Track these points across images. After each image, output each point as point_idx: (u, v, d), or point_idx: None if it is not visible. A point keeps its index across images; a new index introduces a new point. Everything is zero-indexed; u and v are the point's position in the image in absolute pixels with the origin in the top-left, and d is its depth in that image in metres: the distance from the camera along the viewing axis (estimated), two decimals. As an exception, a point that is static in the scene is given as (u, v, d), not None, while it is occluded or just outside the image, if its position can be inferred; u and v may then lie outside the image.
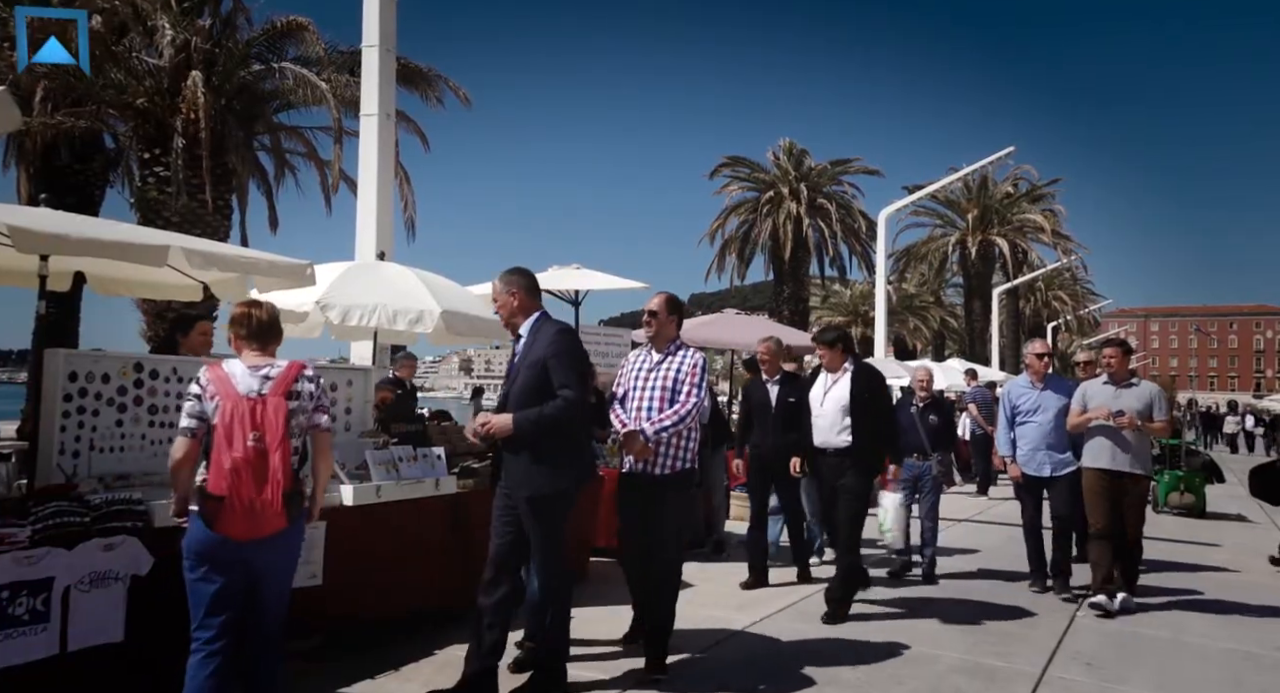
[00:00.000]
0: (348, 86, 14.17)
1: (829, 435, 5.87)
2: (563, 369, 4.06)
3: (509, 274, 4.35)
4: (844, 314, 46.05)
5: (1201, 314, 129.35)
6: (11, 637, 3.37)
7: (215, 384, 3.18)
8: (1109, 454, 6.14)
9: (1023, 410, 6.72)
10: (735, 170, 31.85)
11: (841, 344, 6.03)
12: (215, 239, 12.45)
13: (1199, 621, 6.08)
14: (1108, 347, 6.48)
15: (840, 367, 6.00)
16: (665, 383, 4.67)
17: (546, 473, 4.07)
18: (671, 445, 4.63)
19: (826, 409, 5.90)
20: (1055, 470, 6.57)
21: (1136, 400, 6.15)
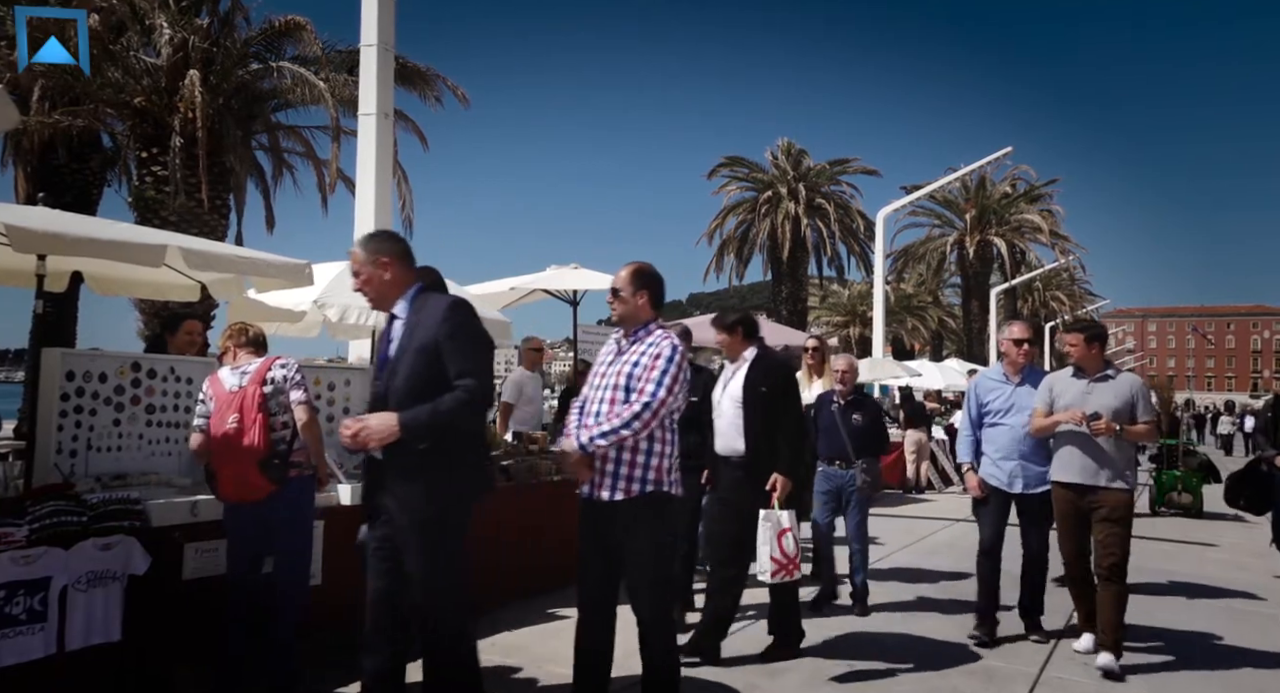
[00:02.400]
0: (346, 86, 14.16)
1: (728, 439, 4.85)
2: (460, 353, 3.25)
3: (374, 240, 3.50)
4: (842, 314, 46.08)
5: (1199, 314, 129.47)
6: (9, 637, 3.37)
7: (210, 388, 3.93)
8: (1078, 465, 4.89)
9: (993, 410, 5.38)
10: (733, 170, 31.87)
11: (742, 328, 5.00)
12: (213, 238, 12.44)
13: (1198, 621, 6.08)
14: (1069, 332, 5.18)
15: (740, 355, 4.98)
16: (619, 380, 3.62)
17: (442, 488, 3.26)
18: (624, 461, 3.53)
19: (725, 408, 4.90)
20: (1030, 485, 5.21)
21: (1114, 398, 4.87)
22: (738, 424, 4.79)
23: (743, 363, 4.94)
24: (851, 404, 6.10)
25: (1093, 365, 5.03)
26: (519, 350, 8.96)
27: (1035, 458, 5.24)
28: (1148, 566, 7.56)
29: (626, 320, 3.79)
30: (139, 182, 14.68)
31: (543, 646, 4.90)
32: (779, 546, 4.84)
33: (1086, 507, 4.89)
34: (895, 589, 6.69)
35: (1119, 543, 4.82)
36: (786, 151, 31.52)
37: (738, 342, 5.00)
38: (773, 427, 4.77)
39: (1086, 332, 5.10)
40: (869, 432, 6.05)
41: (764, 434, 4.75)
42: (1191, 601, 6.72)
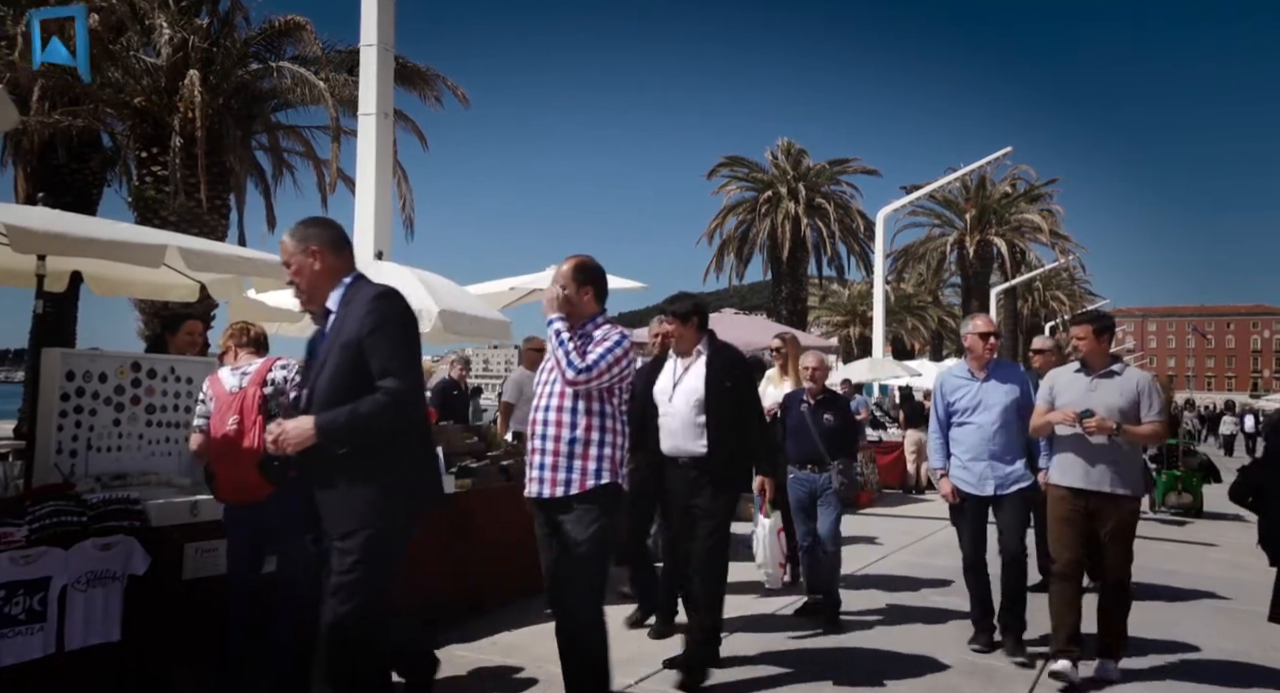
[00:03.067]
0: (346, 86, 14.16)
1: (680, 439, 4.50)
2: (383, 349, 2.95)
3: (303, 226, 3.19)
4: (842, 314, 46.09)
5: (1199, 314, 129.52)
6: (8, 636, 3.37)
7: (210, 388, 3.96)
8: (1080, 469, 4.56)
9: (960, 408, 5.08)
10: (733, 170, 31.87)
11: (696, 318, 4.57)
12: (213, 239, 12.43)
13: (1197, 621, 6.08)
14: (1076, 325, 4.86)
15: (693, 349, 4.61)
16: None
17: (367, 500, 2.96)
18: (576, 454, 3.48)
19: (677, 405, 4.52)
20: (1001, 487, 4.92)
21: (1118, 396, 4.55)
22: (695, 423, 4.44)
23: (698, 356, 4.56)
24: (822, 404, 5.72)
25: (1099, 360, 4.68)
26: (519, 350, 8.95)
27: (1006, 457, 4.95)
28: (1148, 566, 7.55)
29: (571, 317, 3.66)
30: (139, 181, 14.68)
31: (543, 645, 4.88)
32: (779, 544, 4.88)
33: (1090, 514, 4.56)
34: (895, 587, 6.69)
35: (1126, 558, 4.59)
36: (786, 151, 31.52)
37: (691, 333, 4.58)
38: (742, 424, 4.48)
39: (1096, 323, 4.74)
40: (841, 432, 5.70)
41: (733, 433, 4.42)
42: (1192, 602, 6.72)
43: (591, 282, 3.68)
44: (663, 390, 4.63)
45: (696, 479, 4.44)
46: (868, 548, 8.52)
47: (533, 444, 3.59)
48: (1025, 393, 5.07)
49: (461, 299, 7.46)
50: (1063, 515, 4.63)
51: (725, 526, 4.48)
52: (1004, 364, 5.24)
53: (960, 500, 5.06)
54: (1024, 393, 5.06)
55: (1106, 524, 4.54)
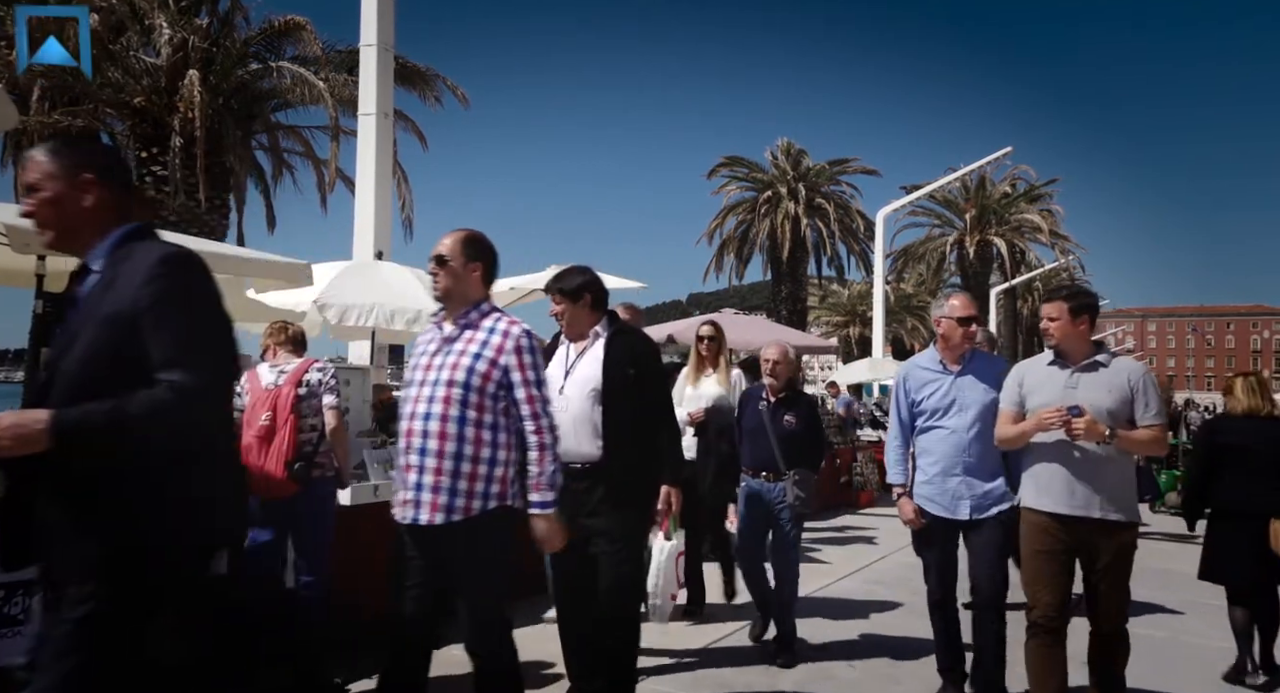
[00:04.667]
0: (346, 86, 14.18)
1: (571, 441, 3.58)
2: (173, 331, 2.08)
3: (76, 146, 2.32)
4: (842, 314, 46.14)
5: (1199, 314, 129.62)
6: (7, 636, 3.37)
7: (248, 382, 4.09)
8: (1062, 488, 3.60)
9: (928, 409, 4.10)
10: (733, 170, 31.93)
11: (590, 296, 3.79)
12: (213, 238, 12.43)
13: (1197, 621, 6.08)
14: (1047, 302, 3.81)
15: (588, 331, 3.81)
16: (455, 375, 2.98)
17: (107, 548, 2.04)
18: (462, 473, 2.95)
19: (570, 399, 3.68)
20: (979, 510, 3.98)
21: (1106, 393, 3.58)
22: (590, 420, 3.66)
23: (594, 339, 3.81)
24: (783, 403, 4.91)
25: (1078, 348, 3.68)
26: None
27: (984, 471, 3.99)
28: (1148, 566, 7.55)
29: (453, 298, 3.11)
30: (139, 181, 14.68)
31: (542, 646, 4.89)
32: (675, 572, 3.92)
33: (1076, 547, 3.62)
34: (895, 584, 6.67)
35: (1123, 600, 3.68)
36: (786, 151, 31.56)
37: (584, 313, 3.79)
38: (647, 422, 3.72)
39: (1071, 299, 3.68)
40: (803, 437, 4.87)
41: (636, 432, 3.67)
42: (1192, 602, 6.72)
43: (481, 258, 3.12)
44: (553, 381, 3.67)
45: (589, 491, 3.61)
46: (867, 548, 8.53)
47: (407, 460, 3.00)
48: None
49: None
50: (1041, 549, 3.64)
51: (632, 551, 3.67)
52: (984, 356, 4.27)
53: (925, 526, 4.09)
54: None
55: (1098, 560, 3.60)
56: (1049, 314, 3.70)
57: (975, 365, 4.14)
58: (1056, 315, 3.67)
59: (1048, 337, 3.71)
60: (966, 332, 4.14)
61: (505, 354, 3.03)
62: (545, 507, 3.06)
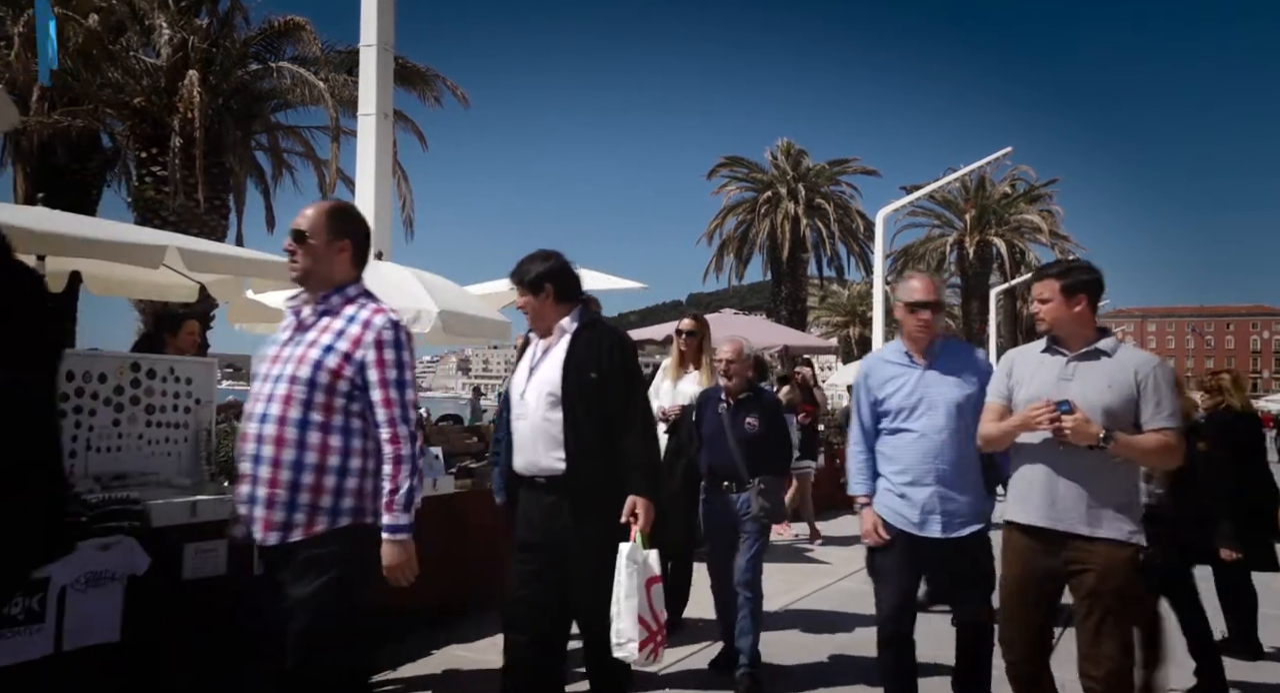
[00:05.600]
0: (345, 86, 14.19)
1: (531, 451, 3.31)
2: None
3: None
4: (842, 314, 46.15)
5: (1198, 315, 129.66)
6: (6, 637, 3.36)
7: None
8: (1043, 496, 3.02)
9: (892, 409, 3.51)
10: (733, 170, 31.96)
11: (553, 286, 3.35)
12: (212, 239, 12.44)
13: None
14: (1037, 280, 3.21)
15: (554, 327, 3.39)
16: (301, 370, 2.55)
17: None
18: (304, 485, 2.53)
19: (529, 405, 3.33)
20: (951, 527, 3.39)
21: (1106, 388, 2.98)
22: (549, 428, 3.26)
23: (560, 336, 3.35)
24: (743, 404, 4.47)
25: (1075, 334, 3.08)
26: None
27: (961, 481, 3.40)
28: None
29: (314, 280, 2.68)
30: (138, 182, 14.69)
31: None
32: (648, 601, 3.19)
33: (1060, 568, 3.00)
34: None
35: (1120, 635, 2.94)
36: (786, 152, 31.59)
37: (547, 306, 3.35)
38: (613, 428, 3.28)
39: (1065, 276, 3.08)
40: (767, 441, 4.42)
41: (600, 440, 3.24)
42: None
43: (350, 234, 2.70)
44: (517, 386, 3.41)
45: (554, 506, 3.27)
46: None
47: (242, 468, 2.60)
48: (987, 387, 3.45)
49: (461, 299, 7.46)
50: (1016, 573, 3.09)
51: (601, 572, 3.21)
52: (956, 345, 3.69)
53: (888, 542, 3.45)
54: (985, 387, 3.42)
55: (1082, 587, 2.96)
56: (1039, 294, 3.14)
57: (946, 357, 3.53)
58: (1048, 295, 3.09)
59: (1039, 322, 3.15)
60: (919, 318, 3.50)
61: (363, 347, 2.58)
62: (395, 532, 2.57)
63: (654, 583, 3.27)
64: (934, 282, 3.65)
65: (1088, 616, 2.95)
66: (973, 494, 3.46)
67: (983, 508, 3.49)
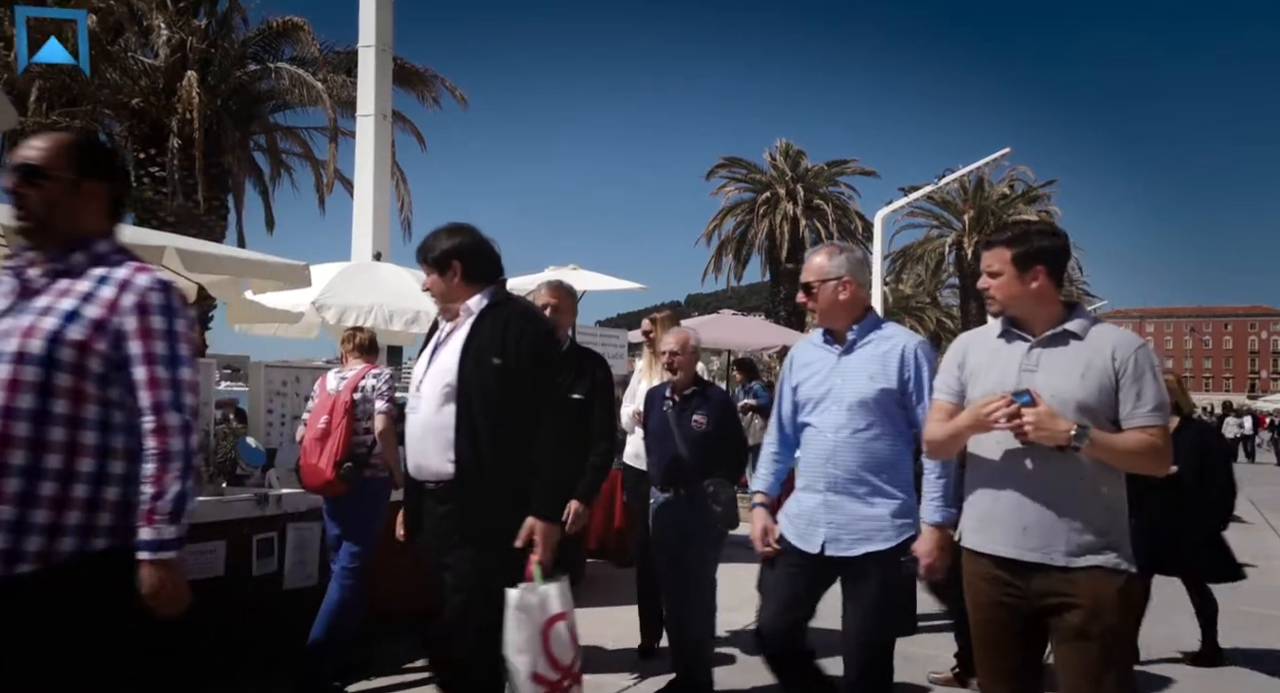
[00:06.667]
0: (344, 87, 14.19)
1: (422, 453, 2.86)
2: None
3: None
4: (840, 315, 46.17)
5: (1197, 315, 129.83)
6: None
7: (318, 387, 4.43)
8: (1010, 517, 2.45)
9: (803, 399, 3.04)
10: (732, 171, 31.98)
11: (460, 264, 2.92)
12: (211, 239, 12.42)
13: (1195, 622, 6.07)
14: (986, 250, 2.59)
15: (459, 307, 2.95)
16: (30, 345, 1.92)
17: None
18: (40, 496, 1.89)
19: (424, 396, 2.88)
20: (837, 544, 2.87)
21: (1077, 376, 2.40)
22: (442, 426, 2.80)
23: (466, 318, 2.91)
24: (689, 400, 4.05)
25: (1037, 314, 2.49)
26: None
27: (856, 491, 2.88)
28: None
29: (48, 231, 2.03)
30: (137, 182, 14.66)
31: None
32: (544, 648, 2.65)
33: (1034, 604, 2.41)
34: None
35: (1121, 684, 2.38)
36: (785, 152, 31.62)
37: (455, 287, 2.93)
38: (521, 430, 2.78)
39: (1016, 243, 2.47)
40: (716, 440, 4.00)
41: (499, 443, 2.76)
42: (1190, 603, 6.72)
43: (100, 173, 2.10)
44: (416, 377, 2.99)
45: (446, 519, 2.81)
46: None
47: None
48: (914, 379, 2.94)
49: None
50: (985, 614, 2.52)
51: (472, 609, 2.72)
52: (883, 328, 3.05)
53: (775, 552, 3.00)
54: (909, 379, 2.93)
55: (1064, 626, 2.37)
56: (987, 266, 2.53)
57: (868, 343, 3.00)
58: (997, 267, 2.49)
59: (989, 302, 2.56)
60: (815, 298, 3.03)
61: (121, 314, 1.98)
62: (156, 549, 1.94)
63: (555, 623, 2.71)
64: (833, 251, 3.08)
65: (1078, 663, 2.37)
66: (875, 506, 2.87)
67: (897, 525, 2.87)
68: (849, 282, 2.98)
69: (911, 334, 3.10)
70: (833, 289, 2.98)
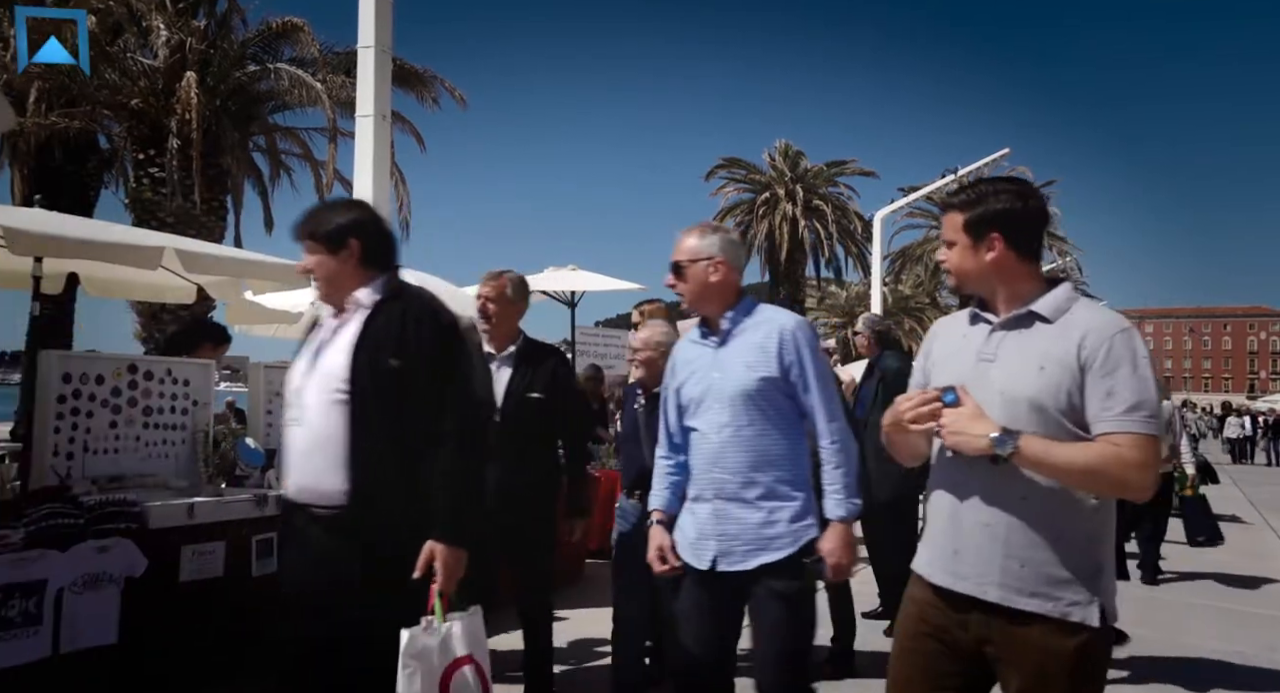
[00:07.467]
0: (343, 87, 14.18)
1: (311, 474, 2.42)
2: None
3: None
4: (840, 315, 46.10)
5: (1196, 316, 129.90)
6: (4, 640, 3.36)
7: None
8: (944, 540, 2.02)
9: (685, 401, 2.76)
10: (731, 172, 32.02)
11: (358, 243, 2.50)
12: (210, 240, 12.43)
13: (1195, 622, 6.08)
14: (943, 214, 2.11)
15: (349, 300, 2.53)
16: None
17: None
18: None
19: (308, 404, 2.47)
20: (729, 558, 2.59)
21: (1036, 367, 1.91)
22: (332, 439, 2.39)
23: (355, 312, 2.50)
24: (657, 400, 3.33)
25: (1000, 291, 2.04)
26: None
27: (747, 496, 2.58)
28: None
29: None
30: (136, 183, 14.68)
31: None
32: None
33: (969, 646, 1.97)
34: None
35: None
36: (784, 153, 31.66)
37: (349, 270, 2.50)
38: (420, 441, 2.38)
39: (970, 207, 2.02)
40: None
41: (402, 459, 2.37)
42: (1189, 602, 6.73)
43: None
44: (294, 380, 2.54)
45: (337, 551, 2.37)
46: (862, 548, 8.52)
47: None
48: (797, 363, 2.62)
49: (458, 301, 7.46)
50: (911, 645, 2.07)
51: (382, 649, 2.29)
52: (760, 312, 2.74)
53: (676, 571, 2.71)
54: (791, 363, 2.61)
55: (1009, 684, 1.94)
56: (944, 235, 2.10)
57: (744, 329, 2.70)
58: (951, 236, 2.07)
59: (947, 277, 2.16)
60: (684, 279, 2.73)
61: None
62: None
63: (455, 670, 2.28)
64: (705, 229, 2.78)
65: None
66: (777, 513, 2.57)
67: (794, 531, 2.57)
68: (721, 262, 2.71)
69: (790, 314, 2.77)
70: (704, 270, 2.70)
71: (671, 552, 2.72)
